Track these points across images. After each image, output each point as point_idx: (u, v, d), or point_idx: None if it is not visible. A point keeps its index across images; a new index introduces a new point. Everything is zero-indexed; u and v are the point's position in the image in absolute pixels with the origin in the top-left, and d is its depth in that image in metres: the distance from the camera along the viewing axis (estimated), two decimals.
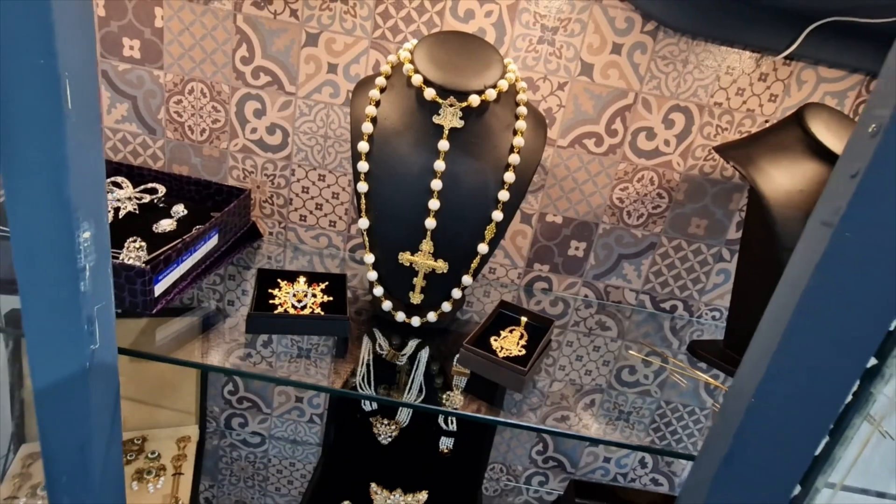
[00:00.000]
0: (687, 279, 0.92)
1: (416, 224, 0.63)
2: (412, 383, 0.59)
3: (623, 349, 0.81)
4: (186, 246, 0.65)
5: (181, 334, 0.63)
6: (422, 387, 0.58)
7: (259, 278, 0.68)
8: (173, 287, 0.64)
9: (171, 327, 0.63)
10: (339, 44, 0.80)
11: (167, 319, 0.64)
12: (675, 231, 0.88)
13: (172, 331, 0.63)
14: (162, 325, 0.63)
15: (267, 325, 0.63)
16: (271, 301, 0.66)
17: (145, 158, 0.90)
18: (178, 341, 0.62)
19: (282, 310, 0.65)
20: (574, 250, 0.89)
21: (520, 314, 0.70)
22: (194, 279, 0.69)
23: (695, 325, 0.92)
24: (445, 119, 0.62)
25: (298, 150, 0.86)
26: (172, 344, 0.61)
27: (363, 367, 0.60)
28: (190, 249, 0.65)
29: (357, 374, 0.58)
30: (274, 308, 0.65)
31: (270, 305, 0.65)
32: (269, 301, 0.66)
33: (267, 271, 0.69)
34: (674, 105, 0.81)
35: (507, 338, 0.66)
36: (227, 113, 0.85)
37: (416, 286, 0.67)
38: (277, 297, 0.66)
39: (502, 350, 0.64)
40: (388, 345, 0.65)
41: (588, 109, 0.81)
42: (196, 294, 0.72)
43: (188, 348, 0.62)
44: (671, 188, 0.86)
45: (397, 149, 0.63)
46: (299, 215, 0.91)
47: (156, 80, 0.84)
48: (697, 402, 0.69)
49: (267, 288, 0.67)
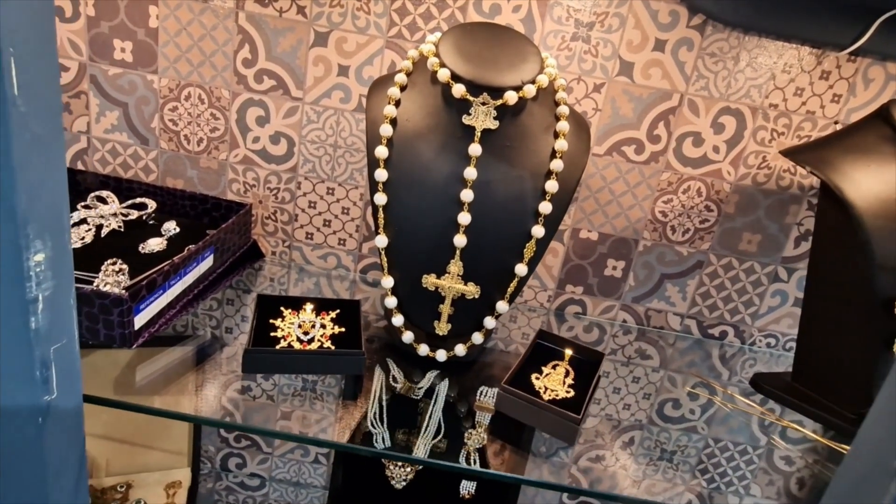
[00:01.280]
0: (738, 302, 0.83)
1: (443, 242, 0.55)
2: (429, 421, 0.53)
3: (666, 380, 0.73)
4: (175, 268, 0.56)
5: (169, 370, 0.54)
6: (440, 425, 0.52)
7: (259, 306, 0.58)
8: (159, 316, 0.55)
9: (156, 363, 0.54)
10: (351, 43, 0.73)
11: (154, 351, 0.55)
12: (725, 248, 0.80)
13: (158, 367, 0.54)
14: (145, 362, 0.54)
15: (267, 362, 0.53)
16: (273, 333, 0.56)
17: (137, 171, 0.83)
18: (165, 379, 0.53)
19: (285, 344, 0.55)
20: (611, 270, 0.82)
21: (562, 346, 0.61)
22: (185, 306, 0.59)
23: (747, 354, 0.84)
24: (477, 119, 0.54)
25: (305, 161, 0.79)
26: (157, 383, 0.52)
27: (375, 403, 0.54)
28: (179, 272, 0.56)
29: (368, 412, 0.52)
30: (276, 342, 0.55)
31: (272, 339, 0.56)
32: (271, 333, 0.56)
33: (268, 298, 0.60)
34: (724, 107, 0.73)
35: (550, 375, 0.56)
36: (227, 121, 0.78)
37: (443, 314, 0.57)
38: (280, 328, 0.57)
39: (546, 391, 0.54)
40: (402, 377, 0.57)
41: (627, 113, 0.74)
42: (190, 321, 0.63)
43: (177, 386, 0.54)
44: (720, 200, 0.77)
45: (421, 154, 0.55)
46: (305, 233, 0.84)
47: (149, 85, 0.77)
48: (750, 440, 0.62)
49: (268, 317, 0.58)
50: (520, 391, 0.51)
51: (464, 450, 0.49)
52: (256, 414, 0.53)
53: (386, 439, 0.48)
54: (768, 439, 0.63)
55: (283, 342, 0.55)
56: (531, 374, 0.56)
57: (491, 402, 0.54)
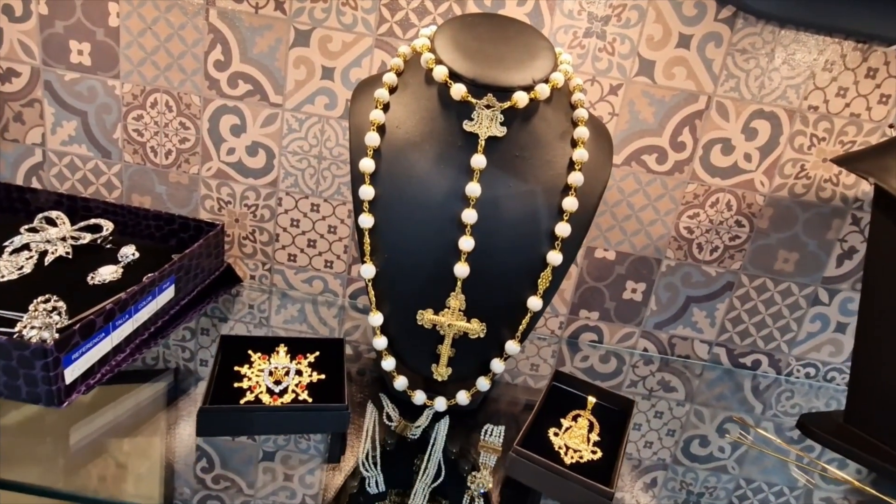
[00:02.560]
0: (773, 328, 0.76)
1: (442, 271, 0.46)
2: (428, 463, 0.47)
3: (692, 415, 0.67)
4: (123, 305, 0.47)
5: (115, 425, 0.45)
6: (440, 467, 0.47)
7: (221, 349, 0.49)
8: (102, 364, 0.46)
9: (96, 420, 0.45)
10: (336, 43, 0.66)
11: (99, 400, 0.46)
12: (758, 267, 0.73)
13: (101, 424, 0.45)
14: (83, 420, 0.44)
15: (229, 423, 0.44)
16: (237, 384, 0.47)
17: (98, 187, 0.75)
18: (111, 435, 0.44)
19: (251, 397, 0.46)
20: (630, 293, 0.75)
21: (584, 390, 0.52)
22: (140, 346, 0.50)
23: (783, 385, 0.77)
24: (481, 125, 0.45)
25: (286, 175, 0.72)
26: (100, 442, 0.43)
27: (367, 442, 0.48)
28: (129, 310, 0.47)
29: (360, 452, 0.47)
30: (240, 395, 0.46)
31: (236, 391, 0.46)
32: (235, 384, 0.47)
33: (233, 339, 0.51)
34: (756, 110, 0.66)
35: (571, 430, 0.47)
36: (198, 130, 0.71)
37: (442, 356, 0.49)
38: (247, 376, 0.48)
39: (568, 452, 0.45)
40: (397, 414, 0.51)
41: (648, 118, 0.67)
42: (160, 354, 0.54)
43: (126, 444, 0.46)
44: (753, 214, 0.70)
45: (414, 167, 0.46)
46: (288, 254, 0.76)
47: (111, 91, 0.70)
48: (786, 480, 0.56)
49: (233, 363, 0.49)
50: (536, 455, 0.41)
51: (467, 495, 0.45)
52: (236, 455, 0.48)
53: (380, 483, 0.43)
54: (807, 479, 0.57)
55: (250, 395, 0.46)
56: (548, 429, 0.47)
57: (497, 442, 0.49)
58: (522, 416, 0.58)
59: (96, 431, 0.45)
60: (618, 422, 0.50)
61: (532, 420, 0.46)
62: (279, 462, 0.47)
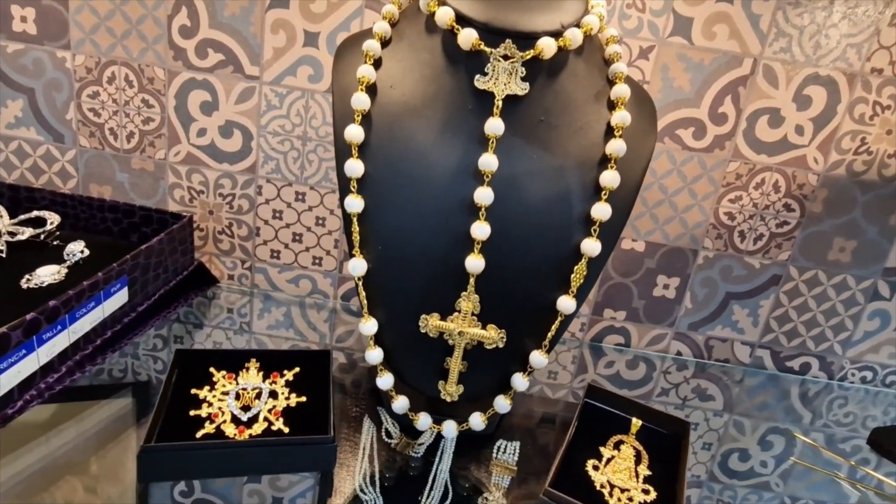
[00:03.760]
0: (825, 326, 0.69)
1: (450, 266, 0.38)
2: (434, 483, 0.42)
3: (731, 426, 0.60)
4: (54, 314, 0.37)
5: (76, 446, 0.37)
6: (447, 488, 0.42)
7: (176, 368, 0.39)
8: (25, 388, 0.36)
9: (30, 455, 0.36)
10: (321, 3, 0.59)
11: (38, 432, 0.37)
12: (809, 258, 0.65)
13: (58, 444, 0.36)
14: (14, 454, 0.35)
15: (179, 464, 0.34)
16: (194, 411, 0.37)
17: (51, 176, 0.66)
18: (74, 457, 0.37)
19: (211, 428, 0.36)
20: (662, 289, 0.68)
21: (625, 409, 0.42)
22: (82, 362, 0.41)
23: (835, 392, 0.69)
24: (497, 81, 0.36)
25: (267, 159, 0.65)
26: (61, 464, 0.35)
27: (364, 461, 0.43)
28: (61, 319, 0.38)
29: (357, 472, 0.42)
30: (197, 426, 0.36)
31: (192, 421, 0.37)
32: (192, 412, 0.37)
33: (191, 354, 0.41)
34: (811, 75, 0.59)
35: (614, 461, 0.38)
36: (163, 109, 0.64)
37: (451, 372, 0.40)
38: (207, 401, 0.38)
39: (614, 493, 0.36)
40: (398, 430, 0.46)
41: (683, 85, 0.59)
42: (128, 366, 0.47)
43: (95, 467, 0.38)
44: (804, 196, 0.63)
45: (413, 136, 0.37)
46: (270, 251, 0.69)
47: (60, 64, 0.62)
48: (835, 497, 0.52)
49: (190, 385, 0.39)
50: (574, 501, 0.32)
51: None
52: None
53: None
54: (861, 494, 0.52)
55: (210, 425, 0.36)
56: (585, 461, 0.38)
57: (511, 461, 0.45)
58: (539, 431, 0.52)
59: (51, 454, 0.36)
60: (670, 450, 0.40)
61: (565, 450, 0.37)
62: (267, 484, 0.41)
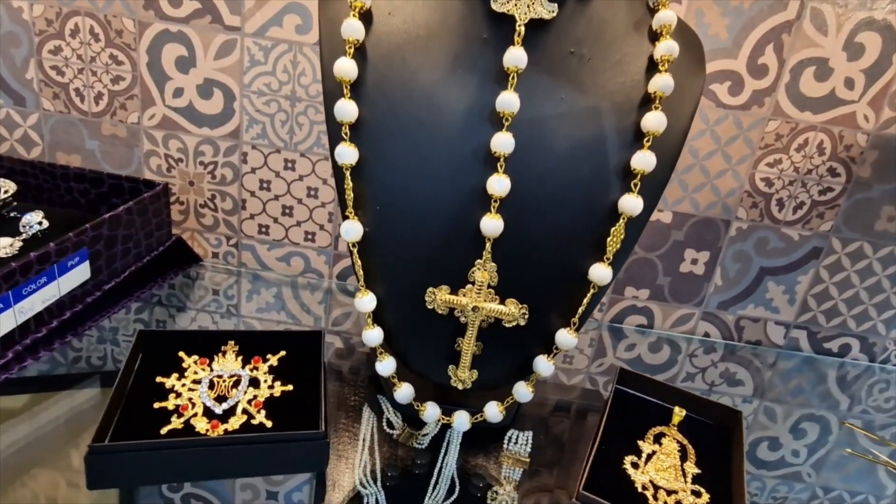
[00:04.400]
0: (868, 304, 0.64)
1: (462, 228, 0.32)
2: (440, 477, 0.40)
3: (761, 413, 0.57)
4: None
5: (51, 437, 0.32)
6: (454, 481, 0.40)
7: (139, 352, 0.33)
8: None
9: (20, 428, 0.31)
10: None
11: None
12: (855, 228, 0.60)
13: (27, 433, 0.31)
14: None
15: (137, 467, 0.28)
16: (159, 403, 0.31)
17: (13, 144, 0.61)
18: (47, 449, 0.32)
19: (179, 423, 0.30)
20: (689, 265, 0.62)
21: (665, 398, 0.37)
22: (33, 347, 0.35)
23: (877, 375, 0.64)
24: (518, 2, 0.30)
25: (251, 123, 0.59)
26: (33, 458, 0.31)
27: (365, 454, 0.41)
28: (2, 297, 0.32)
29: (357, 465, 0.40)
30: (162, 421, 0.30)
31: (156, 414, 0.31)
32: (156, 404, 0.31)
33: (155, 336, 0.35)
34: (864, 20, 0.53)
35: (656, 458, 0.32)
36: (134, 66, 0.58)
37: (464, 354, 0.34)
38: (176, 390, 0.32)
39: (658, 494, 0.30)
40: (401, 420, 0.43)
41: (720, 32, 0.54)
42: (108, 352, 0.43)
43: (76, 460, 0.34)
44: (852, 159, 0.58)
45: (417, 74, 0.31)
46: (258, 225, 0.64)
47: (16, 16, 0.56)
48: (871, 488, 0.48)
49: (154, 373, 0.33)
50: None
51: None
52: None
53: (381, 502, 0.38)
54: None
55: (177, 420, 0.30)
56: (622, 457, 0.32)
57: (524, 452, 0.43)
58: (554, 420, 0.48)
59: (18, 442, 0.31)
60: (719, 443, 0.35)
61: (597, 444, 0.31)
62: (261, 478, 0.38)
